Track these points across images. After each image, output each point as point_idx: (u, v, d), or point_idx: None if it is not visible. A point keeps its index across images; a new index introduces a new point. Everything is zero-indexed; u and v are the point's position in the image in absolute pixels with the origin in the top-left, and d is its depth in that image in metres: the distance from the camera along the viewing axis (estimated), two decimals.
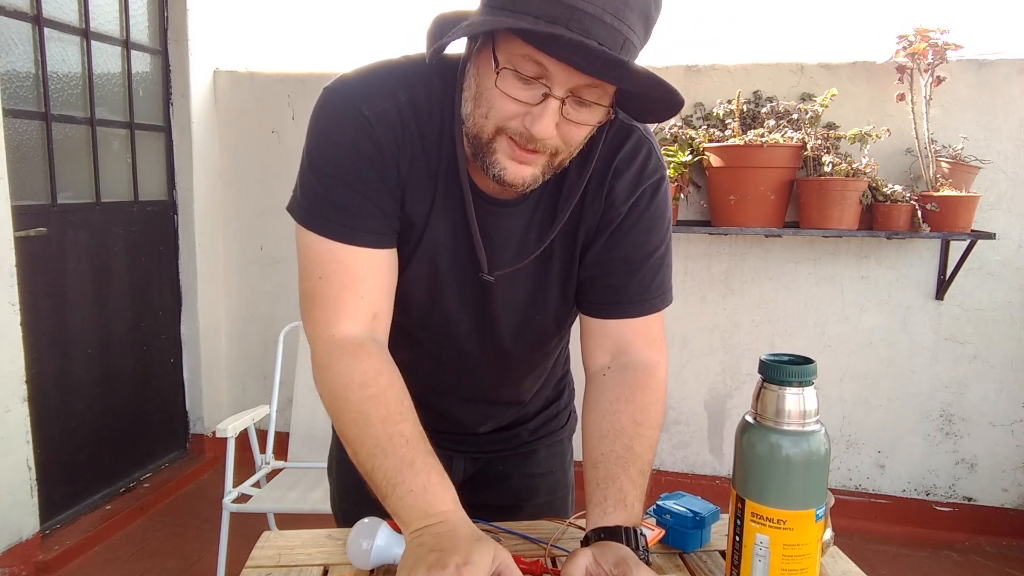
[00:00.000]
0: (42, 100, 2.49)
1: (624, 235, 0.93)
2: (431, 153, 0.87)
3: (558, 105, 0.74)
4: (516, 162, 0.79)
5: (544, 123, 0.74)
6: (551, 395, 1.20)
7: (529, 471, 1.18)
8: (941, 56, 2.47)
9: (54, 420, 2.57)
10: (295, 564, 0.88)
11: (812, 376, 0.73)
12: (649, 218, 0.93)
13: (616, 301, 0.94)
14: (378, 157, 0.85)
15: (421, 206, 0.89)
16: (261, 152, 3.25)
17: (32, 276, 2.43)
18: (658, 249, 0.95)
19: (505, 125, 0.77)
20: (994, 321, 2.74)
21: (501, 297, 0.96)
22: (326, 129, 0.85)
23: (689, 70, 2.84)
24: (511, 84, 0.75)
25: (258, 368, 3.40)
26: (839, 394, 2.90)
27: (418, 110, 0.86)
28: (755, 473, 0.74)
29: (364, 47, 3.23)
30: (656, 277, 0.95)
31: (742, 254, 2.89)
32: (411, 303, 0.96)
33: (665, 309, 0.97)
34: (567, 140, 0.79)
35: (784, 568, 0.73)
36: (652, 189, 0.93)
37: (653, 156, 0.93)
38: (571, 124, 0.77)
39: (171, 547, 2.63)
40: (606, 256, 0.94)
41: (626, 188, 0.92)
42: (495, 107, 0.77)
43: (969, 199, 2.51)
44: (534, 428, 1.18)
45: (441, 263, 0.93)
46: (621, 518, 0.80)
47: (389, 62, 0.88)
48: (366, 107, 0.84)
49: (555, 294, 0.98)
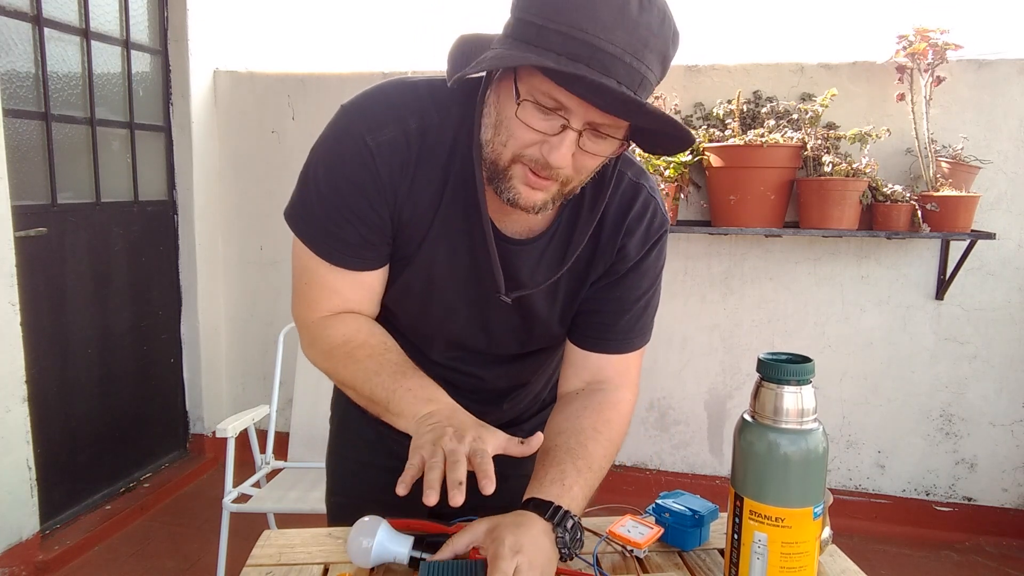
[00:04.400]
0: (42, 100, 2.49)
1: (623, 279, 0.99)
2: (435, 177, 0.90)
3: (575, 137, 0.77)
4: (529, 187, 0.82)
5: (561, 153, 0.77)
6: (547, 398, 1.23)
7: (526, 472, 1.19)
8: (941, 56, 2.47)
9: (54, 420, 2.57)
10: (295, 563, 0.88)
11: (810, 375, 0.73)
12: (647, 266, 0.99)
13: (603, 337, 1.01)
14: (372, 188, 0.88)
15: (420, 225, 0.92)
16: (261, 152, 3.25)
17: (32, 276, 2.44)
18: (647, 292, 1.01)
19: (523, 153, 0.80)
20: (994, 321, 2.74)
21: (496, 310, 0.99)
22: (328, 152, 0.89)
23: (689, 70, 2.84)
24: (531, 115, 0.78)
25: (258, 368, 3.41)
26: (839, 394, 2.90)
27: (427, 136, 0.88)
28: (753, 471, 0.74)
29: (364, 47, 3.24)
30: (641, 319, 1.02)
31: (742, 254, 2.89)
32: (402, 310, 1.00)
33: (642, 349, 1.04)
34: (580, 169, 0.82)
35: (782, 566, 0.73)
36: (656, 242, 0.99)
37: (659, 212, 0.99)
38: (586, 155, 0.80)
39: (171, 547, 2.63)
40: (602, 295, 1.00)
41: (637, 244, 0.98)
42: (515, 135, 0.80)
43: (969, 199, 2.51)
44: (531, 429, 1.18)
45: (437, 280, 0.96)
46: (554, 493, 0.84)
47: (407, 84, 0.91)
48: (371, 136, 0.86)
49: (555, 323, 1.02)
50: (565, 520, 0.81)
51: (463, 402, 1.11)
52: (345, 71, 3.13)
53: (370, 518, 0.86)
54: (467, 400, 1.11)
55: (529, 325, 1.02)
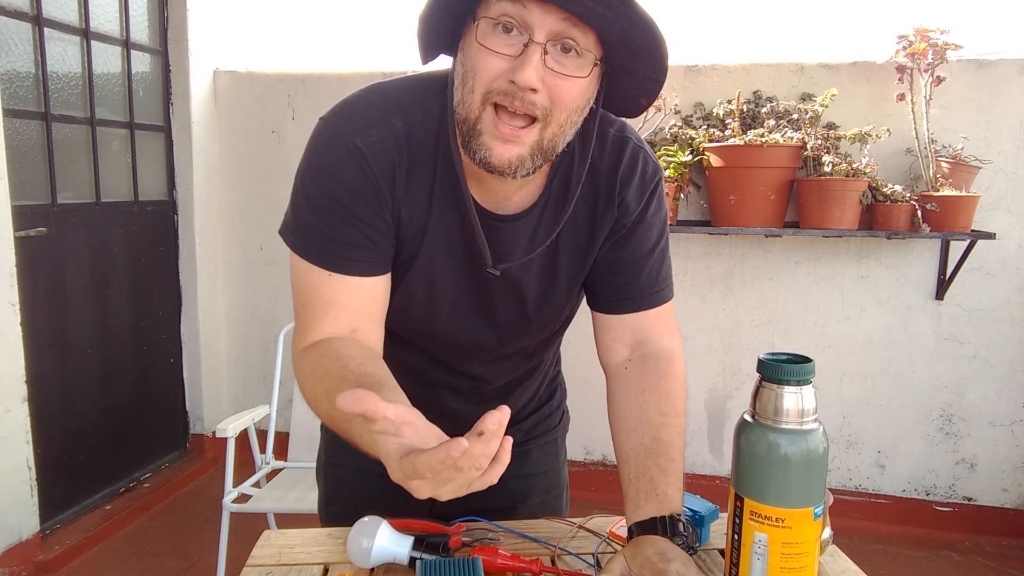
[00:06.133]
0: (42, 100, 2.49)
1: (631, 234, 0.96)
2: (425, 174, 0.89)
3: (540, 51, 0.75)
4: (500, 141, 0.78)
5: (527, 71, 0.74)
6: (544, 395, 1.22)
7: (524, 472, 1.19)
8: (941, 56, 2.47)
9: (54, 420, 2.57)
10: (295, 563, 0.88)
11: (810, 375, 0.73)
12: (652, 216, 0.97)
13: (630, 296, 0.98)
14: (370, 190, 0.86)
15: (417, 225, 0.90)
16: (261, 152, 3.25)
17: (32, 276, 2.43)
18: (660, 243, 0.99)
19: (490, 88, 0.77)
20: (994, 321, 2.74)
21: (501, 297, 0.97)
22: (319, 161, 0.87)
23: (689, 70, 2.84)
24: (491, 37, 0.76)
25: (258, 368, 3.40)
26: (839, 394, 2.90)
27: (412, 133, 0.87)
28: (754, 472, 0.74)
29: (364, 47, 3.23)
30: (662, 269, 0.99)
31: (742, 254, 2.89)
32: (409, 316, 0.97)
33: (671, 302, 1.01)
34: (556, 99, 0.77)
35: (783, 566, 0.73)
36: (653, 191, 0.97)
37: (650, 161, 0.98)
38: (558, 77, 0.76)
39: (171, 547, 2.63)
40: (614, 256, 0.97)
41: (635, 196, 0.95)
42: (479, 69, 0.77)
43: (969, 199, 2.51)
44: (528, 428, 1.20)
45: (438, 274, 0.94)
46: (654, 509, 0.82)
47: (383, 87, 0.90)
48: (359, 139, 0.85)
49: (559, 294, 0.99)
50: (676, 526, 0.81)
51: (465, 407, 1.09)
52: (345, 71, 3.13)
53: (370, 518, 0.86)
54: (469, 404, 1.10)
55: (532, 306, 0.99)
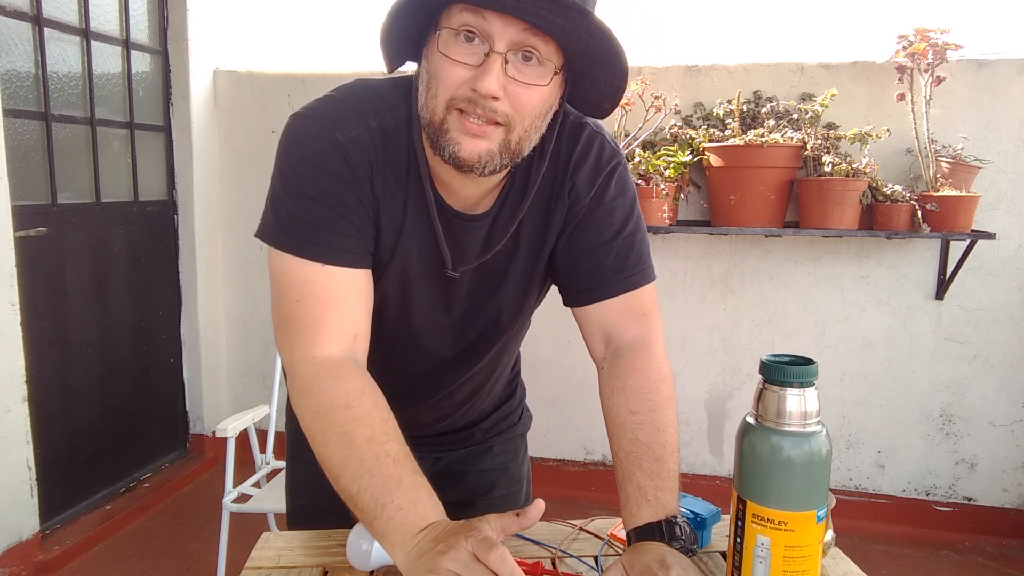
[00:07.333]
0: (42, 100, 2.49)
1: (587, 222, 0.95)
2: (400, 175, 0.89)
3: (500, 60, 0.76)
4: (469, 136, 0.79)
5: (488, 79, 0.75)
6: (503, 396, 1.23)
7: (484, 467, 1.21)
8: (941, 56, 2.47)
9: (54, 420, 2.57)
10: (295, 565, 0.88)
11: (813, 377, 0.73)
12: (609, 201, 0.95)
13: (592, 285, 0.95)
14: (354, 180, 0.86)
15: (393, 226, 0.90)
16: (261, 152, 3.25)
17: (32, 276, 2.43)
18: (625, 227, 0.96)
19: (453, 95, 0.78)
20: (994, 321, 2.74)
21: (470, 296, 0.98)
22: (301, 152, 0.86)
23: (689, 70, 2.83)
24: (453, 47, 0.77)
25: (258, 368, 3.40)
26: (839, 394, 2.90)
27: (387, 135, 0.87)
28: (756, 474, 0.74)
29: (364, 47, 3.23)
30: (630, 255, 0.95)
31: (742, 254, 2.89)
32: (384, 319, 0.97)
33: (651, 284, 0.97)
34: (517, 106, 0.78)
35: (785, 570, 0.73)
36: (609, 175, 0.95)
37: (607, 146, 0.96)
38: (519, 85, 0.78)
39: (171, 547, 2.63)
40: (574, 245, 0.95)
41: (587, 181, 0.94)
42: (442, 78, 0.78)
43: (969, 199, 2.51)
44: (487, 428, 1.22)
45: (412, 276, 0.94)
46: (648, 515, 0.81)
47: (353, 88, 0.90)
48: (339, 133, 0.85)
49: (515, 288, 0.99)
50: (673, 530, 0.80)
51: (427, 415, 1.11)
52: (345, 71, 3.12)
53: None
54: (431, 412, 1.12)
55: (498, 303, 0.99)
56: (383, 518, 0.74)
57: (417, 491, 0.75)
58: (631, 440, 0.87)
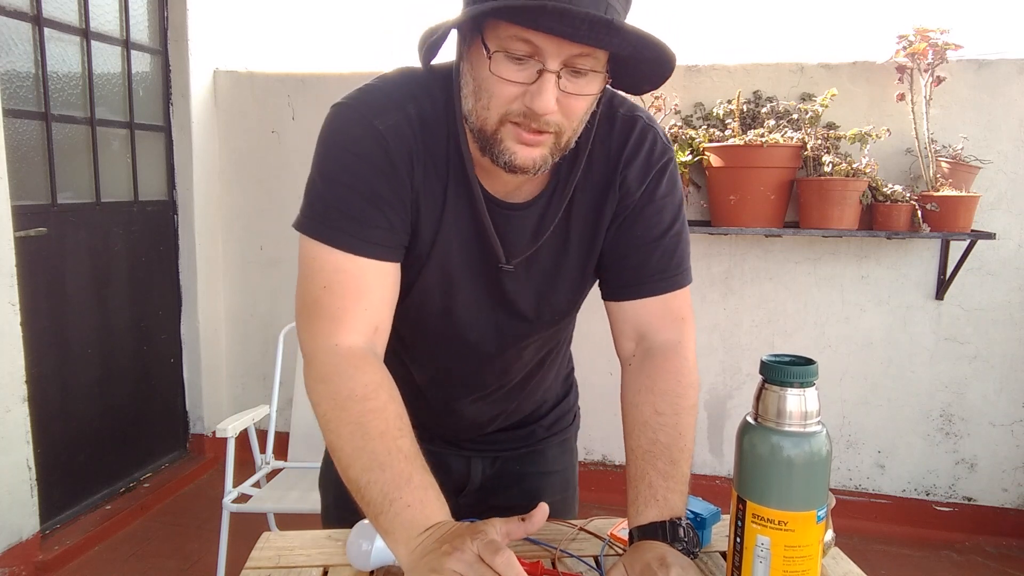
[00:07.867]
0: (42, 100, 2.49)
1: (637, 217, 0.95)
2: (439, 164, 0.89)
3: (554, 79, 0.75)
4: (524, 145, 0.80)
5: (544, 99, 0.75)
6: (560, 392, 1.22)
7: (542, 469, 1.19)
8: (941, 56, 2.47)
9: (54, 420, 2.57)
10: (295, 565, 0.88)
11: (813, 377, 0.73)
12: (660, 198, 0.95)
13: (635, 282, 0.95)
14: (392, 172, 0.85)
15: (433, 216, 0.90)
16: (261, 152, 3.25)
17: (32, 276, 2.43)
18: (672, 227, 0.96)
19: (507, 110, 0.78)
20: (994, 321, 2.74)
21: (516, 286, 0.97)
22: (340, 141, 0.86)
23: (689, 70, 2.83)
24: (504, 67, 0.76)
25: (258, 368, 3.40)
26: (839, 394, 2.90)
27: (425, 122, 0.87)
28: (756, 474, 0.74)
29: (364, 47, 3.23)
30: (673, 256, 0.95)
31: (742, 254, 2.89)
32: (426, 313, 0.97)
33: (687, 287, 0.98)
34: (568, 114, 0.79)
35: (785, 570, 0.73)
36: (660, 171, 0.95)
37: (659, 141, 0.95)
38: (570, 97, 0.78)
39: (171, 547, 2.63)
40: (622, 239, 0.95)
41: (638, 176, 0.93)
42: (495, 95, 0.78)
43: (969, 199, 2.51)
44: (548, 425, 1.20)
45: (454, 267, 0.93)
46: (654, 514, 0.81)
47: (390, 77, 0.90)
48: (378, 121, 0.85)
49: (572, 281, 0.98)
50: (676, 531, 0.80)
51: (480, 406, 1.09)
52: (345, 71, 3.13)
53: (369, 521, 0.86)
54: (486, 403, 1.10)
55: (547, 294, 0.98)
56: (390, 513, 0.74)
57: (426, 490, 0.76)
58: (651, 440, 0.87)
